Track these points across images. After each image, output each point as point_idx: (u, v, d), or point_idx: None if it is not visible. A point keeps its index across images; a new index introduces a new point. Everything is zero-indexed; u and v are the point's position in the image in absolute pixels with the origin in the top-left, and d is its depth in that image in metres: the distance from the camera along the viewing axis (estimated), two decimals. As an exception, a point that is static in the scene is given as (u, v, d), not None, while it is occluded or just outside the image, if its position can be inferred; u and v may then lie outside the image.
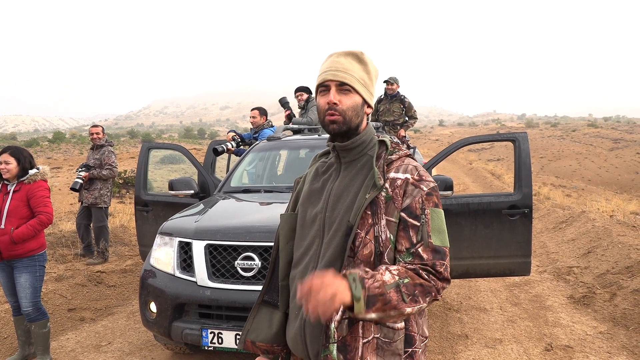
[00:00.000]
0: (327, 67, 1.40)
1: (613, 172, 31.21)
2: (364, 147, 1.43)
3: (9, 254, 3.56)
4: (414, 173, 1.35)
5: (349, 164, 1.44)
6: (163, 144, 5.45)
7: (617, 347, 3.91)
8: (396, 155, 1.40)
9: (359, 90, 1.39)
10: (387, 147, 1.42)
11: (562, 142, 45.19)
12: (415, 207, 1.31)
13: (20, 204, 3.61)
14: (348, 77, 1.37)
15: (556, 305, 4.94)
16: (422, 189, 1.32)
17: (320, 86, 1.41)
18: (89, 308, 5.04)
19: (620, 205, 10.66)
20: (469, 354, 3.84)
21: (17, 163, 3.63)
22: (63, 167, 25.56)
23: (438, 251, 1.29)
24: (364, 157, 1.43)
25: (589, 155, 36.55)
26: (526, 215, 3.91)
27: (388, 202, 1.32)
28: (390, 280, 1.21)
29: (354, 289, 1.16)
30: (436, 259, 1.28)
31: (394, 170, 1.37)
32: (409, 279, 1.23)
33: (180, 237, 3.31)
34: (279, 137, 5.11)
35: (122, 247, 7.30)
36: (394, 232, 1.31)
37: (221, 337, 2.97)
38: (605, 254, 5.99)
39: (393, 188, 1.33)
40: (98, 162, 6.56)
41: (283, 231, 1.51)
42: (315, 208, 1.43)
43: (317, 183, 1.49)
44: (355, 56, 1.40)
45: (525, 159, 3.98)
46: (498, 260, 4.03)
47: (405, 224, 1.31)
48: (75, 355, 3.98)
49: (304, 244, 1.44)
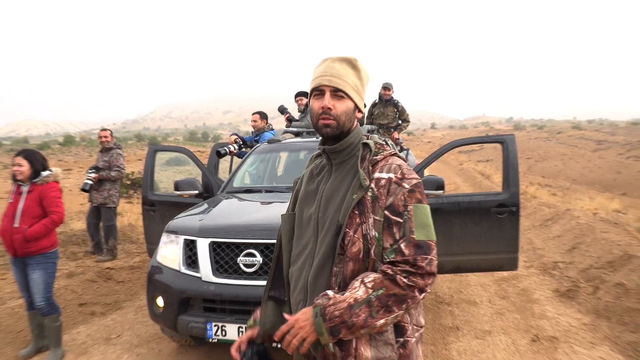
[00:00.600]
0: (322, 72, 1.39)
1: (596, 172, 31.23)
2: (352, 149, 1.43)
3: (23, 251, 3.57)
4: (397, 172, 1.34)
5: (339, 166, 1.44)
6: (169, 146, 5.45)
7: (600, 337, 3.92)
8: (381, 156, 1.40)
9: (352, 96, 1.39)
10: (370, 148, 1.41)
11: (548, 144, 45.26)
12: (398, 204, 1.31)
13: (34, 204, 3.62)
14: (342, 84, 1.37)
15: (542, 299, 4.95)
16: (404, 186, 1.32)
17: (314, 90, 1.41)
18: (99, 303, 5.04)
19: (603, 203, 10.67)
20: (459, 344, 3.85)
21: (30, 166, 3.63)
22: (73, 169, 25.51)
23: (420, 246, 1.28)
24: (352, 158, 1.43)
25: (573, 156, 36.60)
26: (514, 213, 3.92)
27: (374, 202, 1.32)
28: (363, 296, 1.23)
29: (316, 325, 1.23)
30: (418, 253, 1.27)
31: (379, 170, 1.36)
32: (384, 290, 1.24)
33: (185, 235, 3.32)
34: (279, 139, 5.12)
35: (130, 245, 7.29)
36: (379, 230, 1.31)
37: (225, 330, 2.98)
38: (589, 250, 6.01)
39: (378, 188, 1.33)
40: (107, 164, 6.56)
41: (285, 230, 1.52)
42: (310, 209, 1.44)
43: (311, 184, 1.49)
44: (350, 62, 1.40)
45: (513, 159, 3.99)
46: (487, 256, 4.04)
47: (389, 222, 1.31)
48: (86, 348, 3.98)
49: (301, 242, 1.45)
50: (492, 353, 3.68)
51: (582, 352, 3.65)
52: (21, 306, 4.46)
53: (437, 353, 3.69)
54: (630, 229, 6.82)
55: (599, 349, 3.70)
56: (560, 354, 3.64)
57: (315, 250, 1.39)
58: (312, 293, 1.36)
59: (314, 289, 1.36)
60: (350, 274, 1.31)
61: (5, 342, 4.00)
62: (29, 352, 3.80)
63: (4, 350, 3.87)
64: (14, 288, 5.05)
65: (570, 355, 3.60)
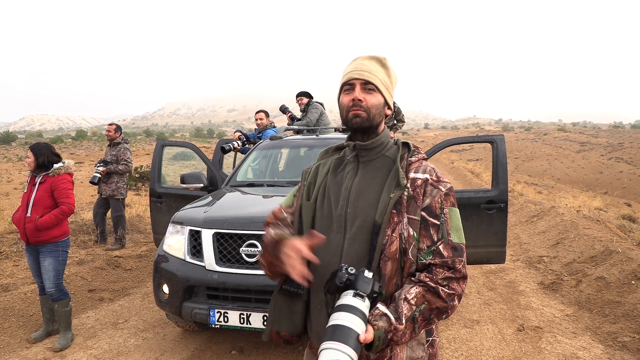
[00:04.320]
0: (353, 67, 1.35)
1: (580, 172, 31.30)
2: (382, 149, 1.37)
3: (35, 240, 3.56)
4: (432, 174, 1.30)
5: (367, 164, 1.37)
6: (175, 141, 5.41)
7: (582, 328, 3.93)
8: (415, 158, 1.35)
9: (382, 91, 1.34)
10: (409, 149, 1.37)
11: (534, 145, 45.28)
12: (435, 206, 1.26)
13: (45, 194, 3.60)
14: (373, 77, 1.32)
15: (528, 291, 4.95)
16: (441, 189, 1.28)
17: (345, 84, 1.35)
18: (108, 289, 5.02)
19: (586, 201, 10.69)
20: (449, 333, 3.85)
21: (35, 158, 3.65)
22: (85, 162, 25.43)
23: (457, 248, 1.24)
24: (381, 157, 1.37)
25: (558, 157, 36.65)
26: (502, 209, 3.91)
27: (410, 201, 1.26)
28: (408, 314, 1.18)
29: (374, 348, 1.14)
30: (455, 256, 1.23)
31: (414, 170, 1.31)
32: (426, 304, 1.20)
33: (190, 225, 3.30)
34: (281, 136, 5.09)
35: (137, 235, 7.27)
36: (417, 230, 1.26)
37: (227, 316, 2.97)
38: (572, 245, 6.01)
39: (414, 188, 1.28)
40: (115, 157, 6.54)
41: (307, 219, 1.38)
42: (333, 204, 1.36)
43: (334, 178, 1.40)
44: (379, 60, 1.36)
45: (502, 158, 3.97)
46: (476, 250, 4.03)
47: (426, 223, 1.25)
48: (95, 332, 3.96)
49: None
50: (480, 341, 3.68)
51: (565, 342, 3.65)
52: (33, 291, 4.45)
53: (428, 341, 3.69)
54: (611, 225, 6.82)
55: (580, 339, 3.71)
56: (544, 342, 3.64)
57: (344, 247, 1.30)
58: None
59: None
60: (389, 274, 1.24)
61: (18, 325, 3.98)
62: (40, 335, 3.79)
63: (16, 333, 3.86)
64: (26, 274, 5.03)
65: (554, 344, 3.60)
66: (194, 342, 3.72)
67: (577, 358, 3.37)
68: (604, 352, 3.46)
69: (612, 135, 55.78)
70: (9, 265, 5.31)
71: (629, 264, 4.69)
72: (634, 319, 3.83)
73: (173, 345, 3.67)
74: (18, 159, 24.96)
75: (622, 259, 4.88)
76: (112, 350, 3.59)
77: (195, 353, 3.52)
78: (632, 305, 4.02)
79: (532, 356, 3.41)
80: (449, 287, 1.21)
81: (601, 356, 3.40)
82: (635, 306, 3.99)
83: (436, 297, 1.20)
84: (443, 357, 3.40)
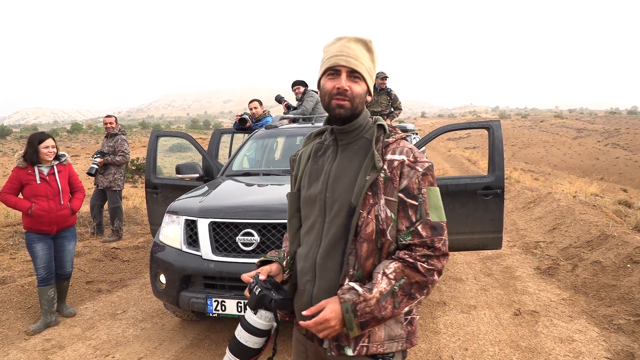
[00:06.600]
0: (338, 51, 1.30)
1: (576, 158, 31.38)
2: (360, 131, 1.36)
3: (64, 225, 3.88)
4: (409, 155, 1.29)
5: (346, 147, 1.37)
6: (170, 131, 5.37)
7: (578, 311, 3.96)
8: (392, 138, 1.34)
9: (366, 79, 1.32)
10: (385, 130, 1.35)
11: (531, 132, 45.30)
12: (413, 187, 1.26)
13: (66, 182, 3.93)
14: (360, 66, 1.29)
15: (524, 276, 4.98)
16: (418, 169, 1.27)
17: (329, 69, 1.31)
18: (105, 280, 5.02)
19: (582, 187, 10.71)
20: (446, 318, 3.87)
21: (56, 148, 3.92)
22: (81, 155, 25.30)
23: (436, 227, 1.24)
24: (360, 139, 1.36)
25: (555, 144, 36.72)
26: (498, 195, 3.91)
27: (387, 183, 1.26)
28: (387, 288, 1.19)
29: (347, 322, 1.18)
30: (434, 235, 1.24)
31: (391, 152, 1.30)
32: (405, 279, 1.21)
33: (186, 215, 3.28)
34: (276, 125, 5.06)
35: (134, 226, 7.25)
36: (395, 211, 1.26)
37: (224, 305, 2.97)
38: (569, 230, 6.03)
39: (391, 169, 1.27)
40: (112, 149, 6.49)
41: (291, 209, 1.45)
42: (314, 188, 1.37)
43: (314, 164, 1.42)
44: (365, 44, 1.32)
45: (499, 144, 3.96)
46: (473, 236, 4.04)
47: (404, 204, 1.26)
48: (93, 323, 3.97)
49: (307, 223, 1.39)
50: (477, 326, 3.70)
51: (561, 325, 3.68)
52: (30, 284, 4.44)
53: (425, 326, 3.71)
54: (607, 210, 6.85)
55: (576, 322, 3.73)
56: (540, 326, 3.67)
57: (324, 230, 1.32)
58: (321, 273, 1.31)
59: (323, 269, 1.31)
60: (365, 255, 1.26)
61: (16, 317, 3.98)
62: (39, 327, 3.79)
63: (15, 325, 3.86)
64: (23, 267, 5.02)
65: (550, 328, 3.63)
66: (192, 331, 3.73)
67: (573, 341, 3.40)
68: (600, 334, 3.49)
69: (609, 122, 55.86)
70: (6, 258, 5.30)
71: (624, 248, 4.72)
72: (629, 302, 3.86)
73: (172, 335, 3.67)
74: (13, 152, 24.81)
75: (618, 243, 4.91)
76: (110, 341, 3.60)
77: (194, 342, 3.53)
78: (628, 288, 4.05)
79: (528, 340, 3.43)
80: (427, 262, 1.23)
81: (597, 339, 3.42)
82: (630, 289, 4.01)
83: (415, 271, 1.22)
84: (440, 342, 3.43)
